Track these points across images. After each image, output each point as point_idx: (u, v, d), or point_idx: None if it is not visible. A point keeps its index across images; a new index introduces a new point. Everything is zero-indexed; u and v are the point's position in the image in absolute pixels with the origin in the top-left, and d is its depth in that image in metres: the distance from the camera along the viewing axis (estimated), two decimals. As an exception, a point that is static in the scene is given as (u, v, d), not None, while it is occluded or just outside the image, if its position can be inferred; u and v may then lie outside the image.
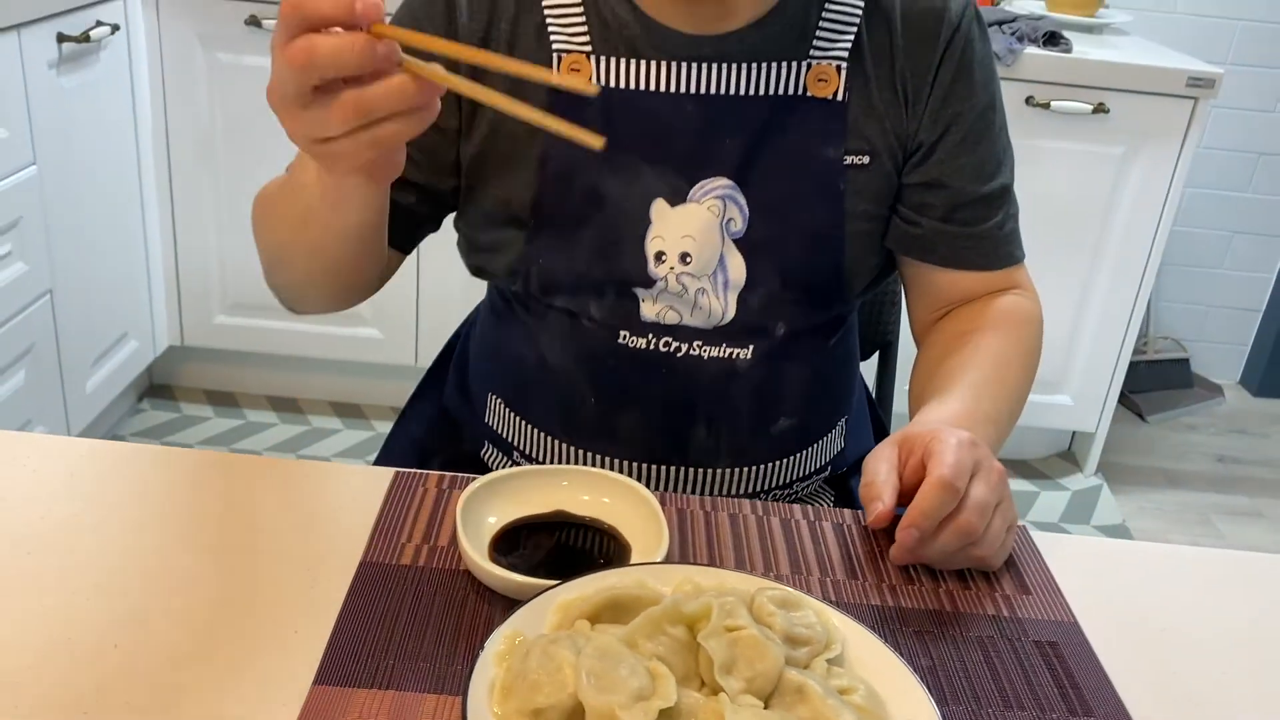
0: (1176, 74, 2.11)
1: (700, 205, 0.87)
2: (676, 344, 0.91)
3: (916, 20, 0.89)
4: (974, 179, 0.92)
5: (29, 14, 1.73)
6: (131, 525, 0.71)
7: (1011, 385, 0.92)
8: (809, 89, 0.87)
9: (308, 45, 0.58)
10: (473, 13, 0.87)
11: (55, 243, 1.88)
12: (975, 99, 0.91)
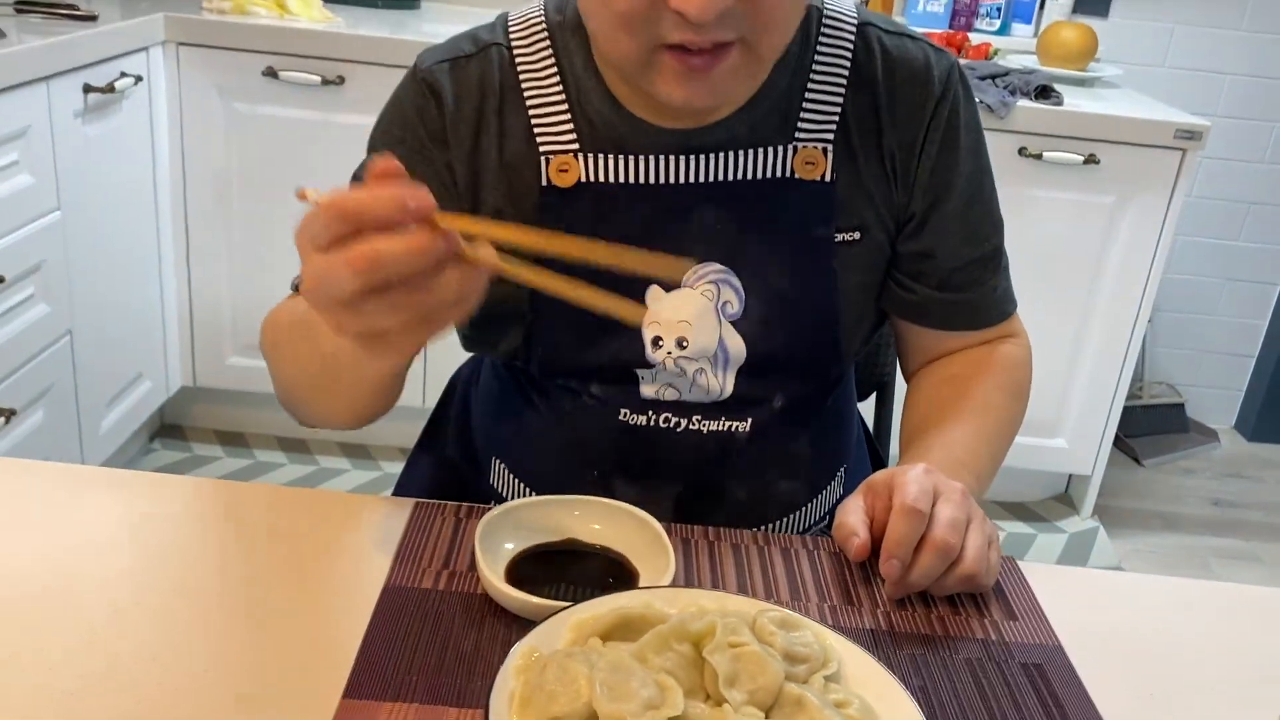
0: (1165, 126, 2.17)
1: (695, 290, 0.89)
2: (676, 419, 0.93)
3: (901, 91, 0.90)
4: (967, 244, 0.95)
5: (58, 66, 1.80)
6: (166, 551, 0.75)
7: (992, 430, 0.95)
8: (796, 172, 0.89)
9: (371, 252, 0.55)
10: (462, 115, 0.88)
11: (76, 285, 1.93)
12: (964, 166, 0.93)
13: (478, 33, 0.92)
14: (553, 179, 0.88)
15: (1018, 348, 1.02)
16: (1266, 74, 2.79)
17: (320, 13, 2.26)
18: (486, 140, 0.89)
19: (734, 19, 0.74)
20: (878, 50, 0.91)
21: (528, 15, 0.91)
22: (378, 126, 0.93)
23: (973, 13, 2.68)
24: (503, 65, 0.89)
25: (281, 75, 2.15)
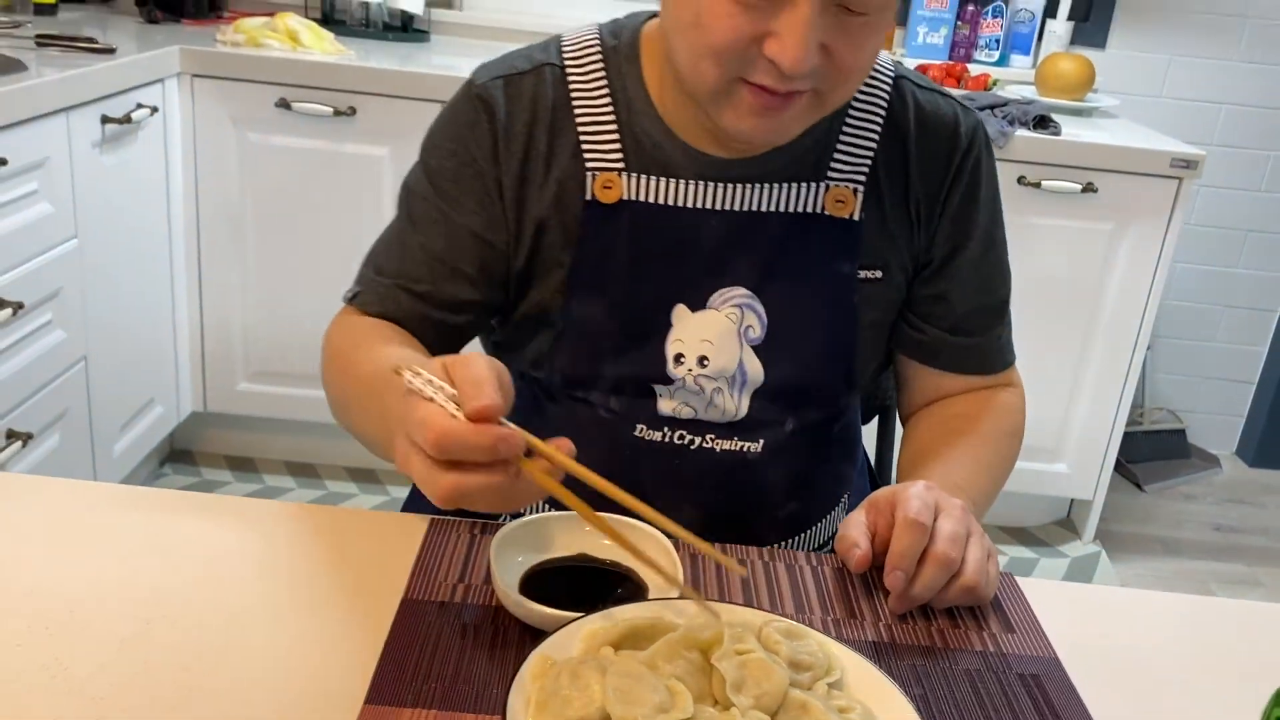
0: (1161, 155, 2.21)
1: (719, 312, 0.94)
2: (690, 437, 0.96)
3: (931, 142, 0.95)
4: (978, 292, 1.00)
5: (77, 98, 1.84)
6: (191, 566, 0.78)
7: (989, 462, 0.99)
8: (827, 209, 0.93)
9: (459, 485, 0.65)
10: (513, 130, 0.93)
11: (91, 311, 1.97)
12: (982, 218, 0.98)
13: (531, 52, 0.96)
14: (597, 194, 0.92)
15: (1015, 396, 1.07)
16: (1262, 104, 2.83)
17: (332, 45, 2.31)
18: (535, 154, 0.93)
19: (814, 73, 0.80)
20: (911, 103, 0.96)
21: (583, 38, 0.96)
22: (431, 137, 0.97)
23: (972, 44, 2.73)
24: (555, 83, 0.93)
25: (294, 106, 2.19)
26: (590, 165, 0.93)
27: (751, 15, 0.78)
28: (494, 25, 2.68)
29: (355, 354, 0.90)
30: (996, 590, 0.83)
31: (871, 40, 0.81)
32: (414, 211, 0.97)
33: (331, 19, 2.61)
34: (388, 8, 2.58)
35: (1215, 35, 2.78)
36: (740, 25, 0.78)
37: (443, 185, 0.95)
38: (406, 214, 0.97)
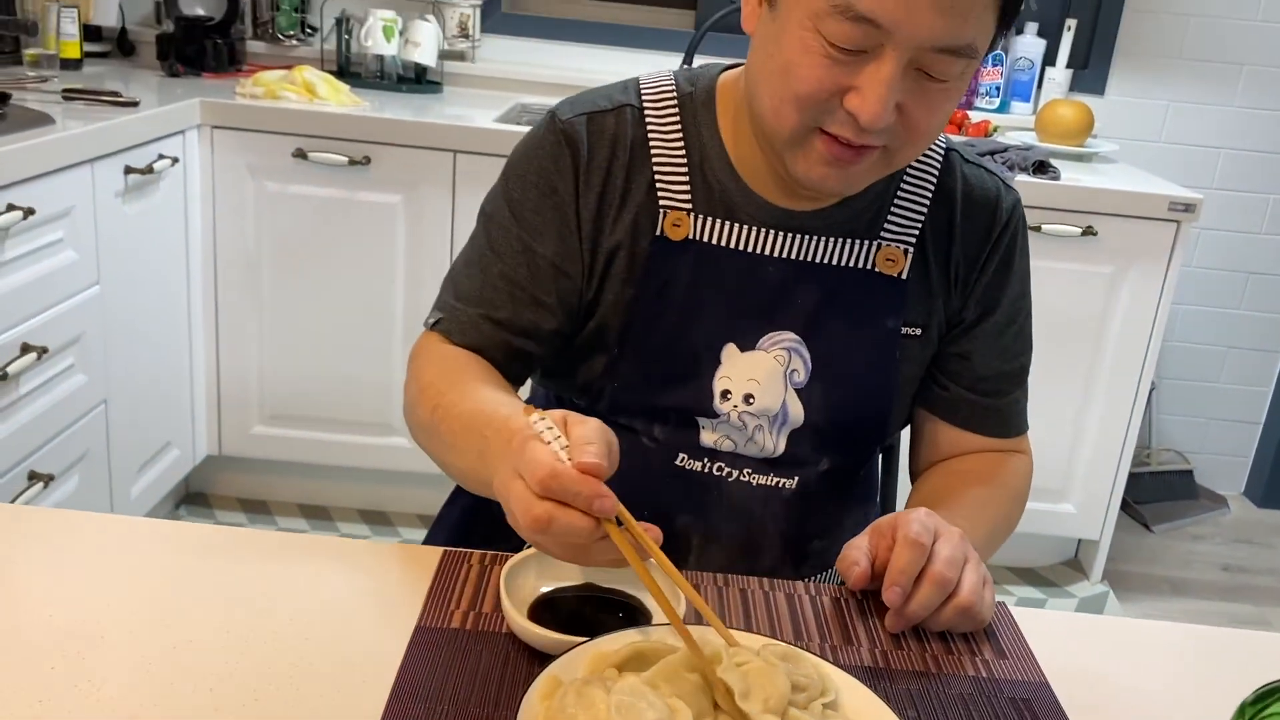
0: (1158, 199, 2.25)
1: (767, 354, 0.98)
2: (729, 470, 1.01)
3: (975, 212, 1.00)
4: (1000, 357, 1.05)
5: (101, 149, 1.91)
6: (213, 593, 0.81)
7: (991, 517, 1.02)
8: (878, 266, 0.98)
9: (550, 519, 0.68)
10: (594, 164, 0.97)
11: (112, 356, 2.01)
12: (1012, 289, 1.03)
13: (611, 92, 1.01)
14: (666, 231, 0.97)
15: (1024, 463, 1.10)
16: (1260, 148, 2.88)
17: (348, 97, 2.38)
18: (613, 189, 0.98)
19: (888, 130, 0.85)
20: (959, 174, 1.01)
21: (660, 83, 1.01)
22: (514, 166, 1.00)
23: (973, 91, 2.78)
24: (634, 123, 0.98)
25: (310, 156, 2.25)
26: (663, 203, 0.97)
27: (838, 68, 0.82)
28: (505, 77, 2.75)
29: (451, 391, 0.91)
30: (993, 610, 0.85)
31: (945, 105, 0.86)
32: (494, 238, 0.99)
33: (347, 72, 2.68)
34: (402, 60, 2.65)
35: (1212, 81, 2.83)
36: (826, 76, 0.83)
37: (524, 215, 0.98)
38: (486, 241, 1.00)
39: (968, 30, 0.81)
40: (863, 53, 0.81)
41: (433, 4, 2.71)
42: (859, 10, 0.79)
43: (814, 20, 0.82)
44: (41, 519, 0.90)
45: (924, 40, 0.80)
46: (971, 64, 0.84)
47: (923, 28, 0.80)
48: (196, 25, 2.58)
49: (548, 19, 2.87)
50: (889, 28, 0.80)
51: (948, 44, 0.81)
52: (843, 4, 0.80)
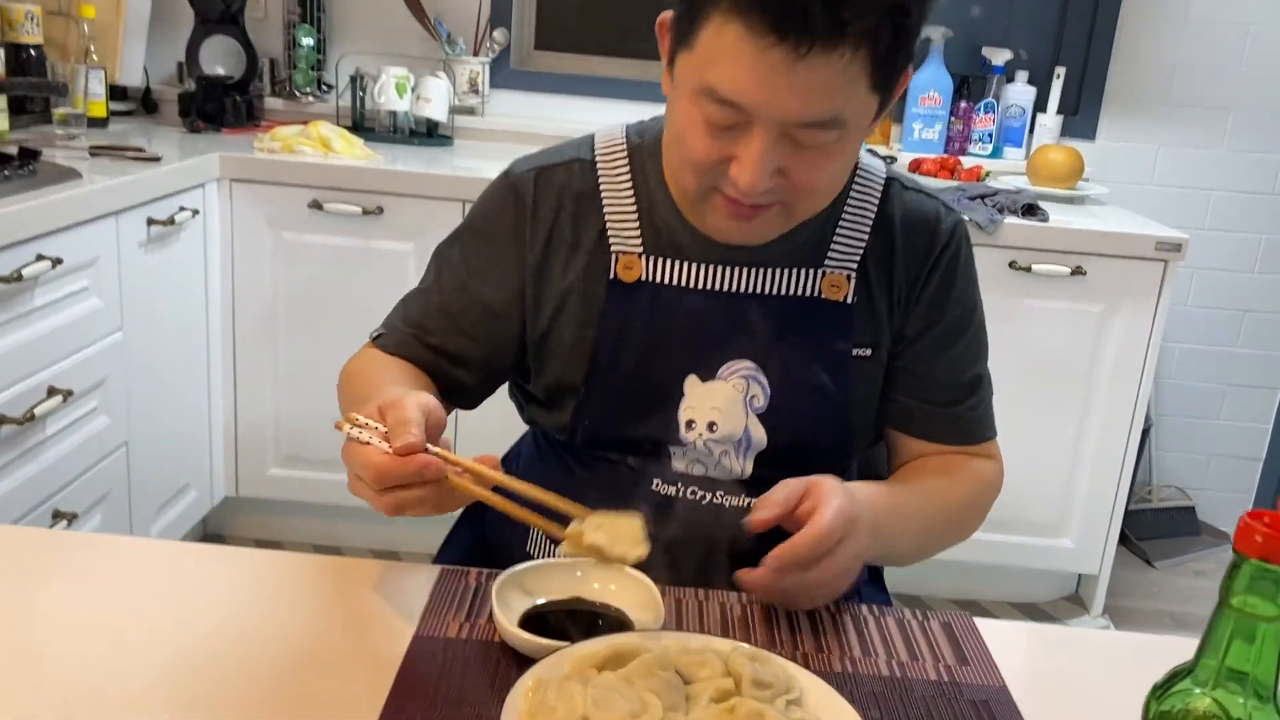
0: (1145, 239, 2.32)
1: (727, 383, 1.05)
2: (702, 493, 1.07)
3: (914, 236, 1.07)
4: (949, 370, 1.10)
5: (125, 202, 2.00)
6: (229, 610, 0.88)
7: (940, 509, 1.07)
8: (823, 293, 1.05)
9: (395, 502, 0.85)
10: (539, 216, 1.06)
11: (133, 399, 2.09)
12: (956, 304, 1.09)
13: (565, 148, 1.10)
14: (619, 274, 1.05)
15: (989, 469, 1.14)
16: (1248, 190, 2.95)
17: (362, 150, 2.48)
18: (560, 237, 1.06)
19: (775, 191, 0.93)
20: (898, 202, 1.08)
21: (612, 136, 1.10)
22: (469, 214, 1.12)
23: (966, 138, 2.87)
24: (584, 175, 1.07)
25: (325, 207, 2.34)
26: (614, 248, 1.05)
27: (719, 140, 0.91)
28: (513, 130, 2.85)
29: (366, 377, 1.05)
30: (954, 627, 0.91)
31: (828, 165, 0.93)
32: (441, 274, 1.11)
33: (361, 126, 2.79)
34: (414, 115, 2.76)
35: (1200, 126, 2.90)
36: (710, 146, 0.91)
37: (468, 257, 1.09)
38: (435, 276, 1.12)
39: (829, 106, 0.88)
40: (737, 125, 0.89)
41: (443, 61, 2.82)
42: (722, 95, 0.88)
43: (694, 97, 0.90)
44: (64, 543, 0.97)
45: (785, 118, 0.88)
46: (846, 131, 0.91)
47: (781, 108, 0.87)
48: (217, 84, 2.70)
49: (554, 74, 2.98)
50: (751, 109, 0.88)
51: (809, 120, 0.88)
52: (708, 88, 0.88)
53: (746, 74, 0.86)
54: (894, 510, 1.00)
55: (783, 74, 0.85)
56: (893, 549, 1.02)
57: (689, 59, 0.90)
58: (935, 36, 2.80)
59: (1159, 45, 2.86)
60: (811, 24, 0.82)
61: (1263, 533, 0.54)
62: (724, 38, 0.86)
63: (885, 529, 0.97)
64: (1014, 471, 2.50)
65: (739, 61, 0.85)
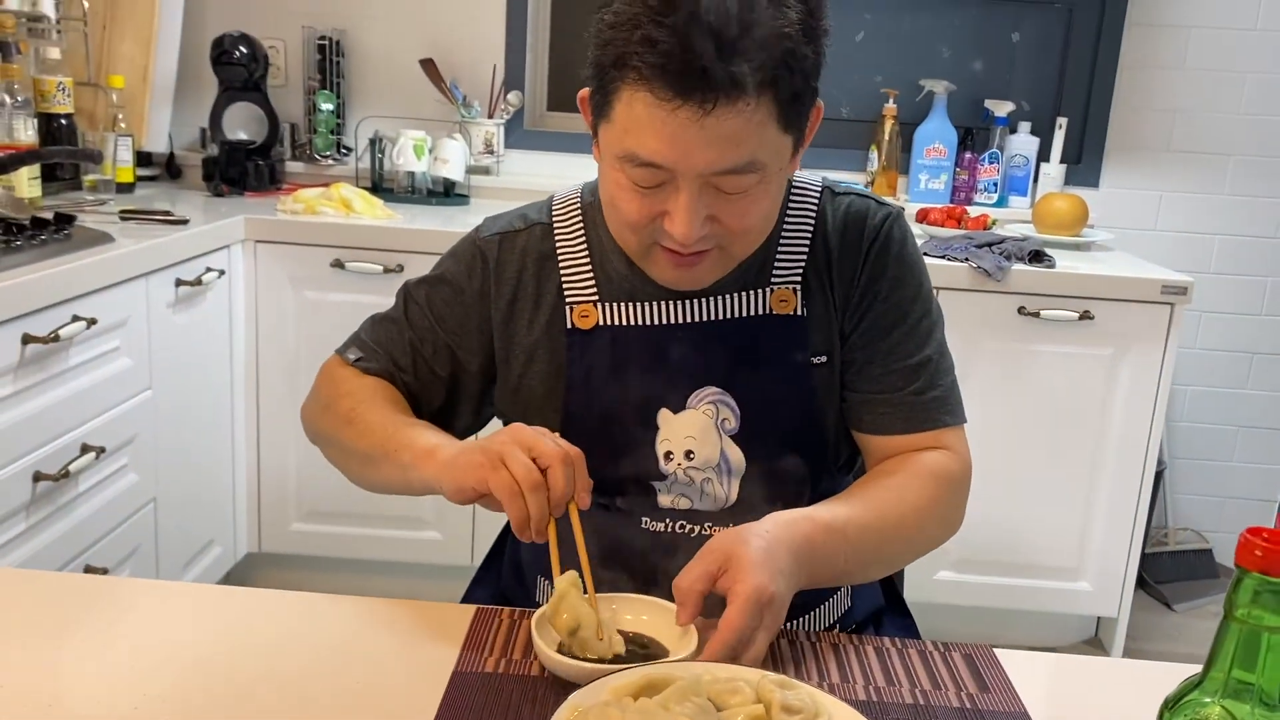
0: (1152, 283, 2.36)
1: (698, 411, 1.09)
2: (691, 526, 1.10)
3: (848, 236, 1.11)
4: (892, 356, 1.10)
5: (154, 265, 2.06)
6: (267, 650, 0.91)
7: (892, 518, 1.04)
8: (773, 309, 1.09)
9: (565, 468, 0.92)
10: (503, 276, 1.13)
11: (161, 456, 2.14)
12: (886, 294, 1.10)
13: (527, 211, 1.18)
14: (575, 323, 1.11)
15: (946, 459, 1.11)
16: (1252, 233, 2.99)
17: (382, 211, 2.54)
18: (523, 295, 1.13)
19: (711, 237, 0.99)
20: (829, 208, 1.13)
21: (567, 197, 1.17)
22: (441, 264, 1.18)
23: (972, 188, 2.92)
24: (543, 238, 1.14)
25: (347, 265, 2.41)
26: (569, 299, 1.11)
27: (648, 199, 0.97)
28: (528, 188, 2.91)
29: (361, 409, 1.10)
30: (975, 658, 0.93)
31: (754, 207, 0.98)
32: (410, 312, 1.17)
33: (381, 187, 2.86)
34: (431, 176, 2.83)
35: (1201, 172, 2.96)
36: (642, 206, 0.98)
37: (436, 304, 1.16)
38: (404, 312, 1.18)
39: (743, 153, 0.93)
40: (663, 184, 0.95)
41: (459, 123, 2.90)
42: (643, 158, 0.94)
43: (618, 163, 0.97)
44: (99, 587, 1.00)
45: (704, 170, 0.94)
46: (766, 173, 0.96)
47: (699, 162, 0.93)
48: (239, 148, 2.78)
49: (566, 134, 3.06)
50: (671, 167, 0.94)
51: (725, 169, 0.94)
52: (629, 154, 0.95)
53: (660, 136, 0.92)
54: (829, 535, 0.98)
55: (693, 130, 0.91)
56: (839, 570, 1.01)
57: (609, 129, 0.97)
58: (939, 90, 2.87)
59: (1158, 93, 2.92)
60: (711, 82, 0.89)
61: (1262, 547, 0.57)
62: (635, 107, 0.92)
63: (818, 558, 0.96)
64: (1028, 514, 2.54)
65: (652, 126, 0.92)
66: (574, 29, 3.08)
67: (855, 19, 2.95)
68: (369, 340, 1.19)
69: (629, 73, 0.91)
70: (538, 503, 0.90)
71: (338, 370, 1.19)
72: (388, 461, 1.04)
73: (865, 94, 2.96)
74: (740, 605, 0.86)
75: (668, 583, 1.09)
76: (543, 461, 0.91)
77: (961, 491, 1.12)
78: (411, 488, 1.02)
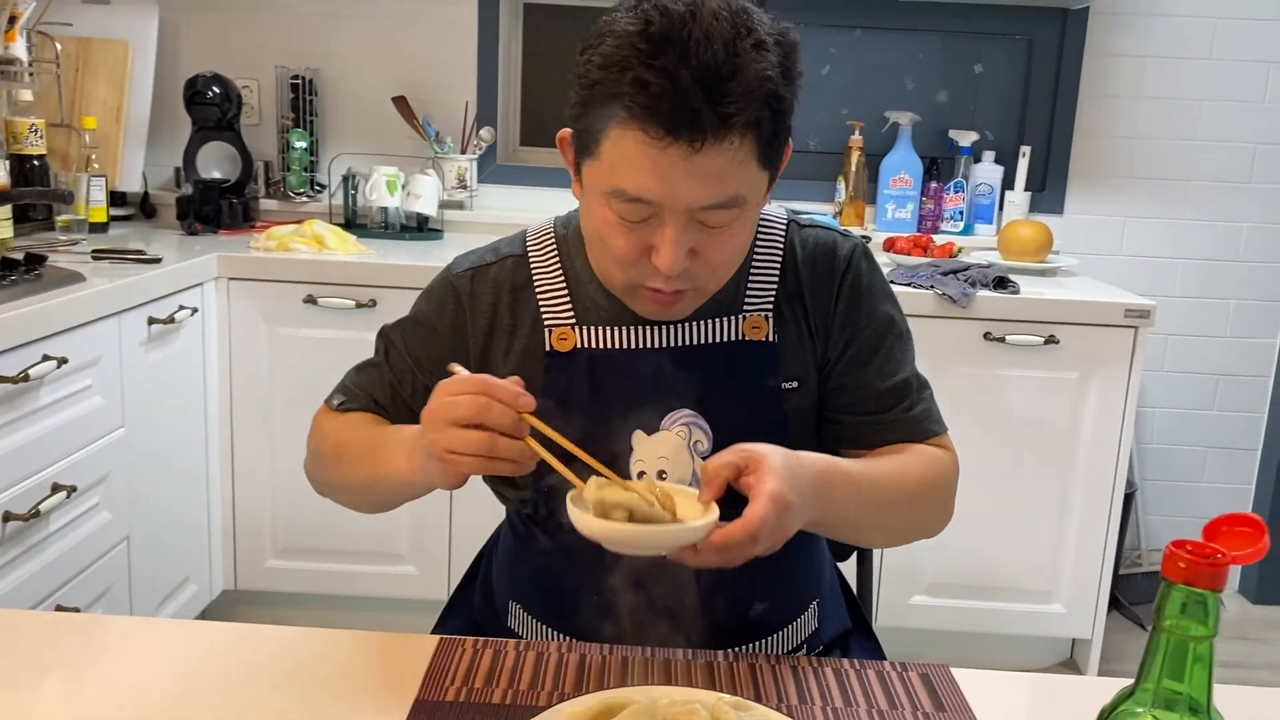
0: (1115, 307, 2.40)
1: (671, 432, 1.11)
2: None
3: (818, 267, 1.15)
4: (878, 377, 1.16)
5: (127, 303, 2.07)
6: (225, 679, 0.92)
7: (897, 481, 1.10)
8: (746, 335, 1.13)
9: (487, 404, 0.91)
10: (478, 310, 1.15)
11: (135, 495, 2.14)
12: (867, 318, 1.15)
13: (499, 245, 1.20)
14: (555, 345, 1.13)
15: (943, 454, 1.18)
16: (1213, 257, 3.05)
17: (354, 246, 2.56)
18: (499, 327, 1.15)
19: (689, 274, 1.02)
20: (798, 238, 1.17)
21: (541, 230, 1.20)
22: (413, 307, 1.21)
23: (937, 217, 2.97)
24: (517, 269, 1.17)
25: (320, 301, 2.42)
26: (548, 324, 1.14)
27: (636, 233, 1.00)
28: (501, 222, 2.94)
29: (344, 442, 1.15)
30: (931, 678, 0.95)
31: (732, 241, 1.03)
32: (389, 355, 1.21)
33: (354, 223, 2.88)
34: (404, 211, 2.85)
35: (1163, 197, 3.02)
36: (630, 241, 1.01)
37: (412, 345, 1.19)
38: (384, 355, 1.21)
39: (727, 189, 0.97)
40: (649, 218, 0.99)
41: (433, 159, 2.93)
42: (630, 193, 0.97)
43: (605, 199, 1.00)
44: (70, 626, 1.01)
45: (690, 205, 0.97)
46: (745, 207, 1.01)
47: (684, 198, 0.97)
48: (213, 187, 2.80)
49: (539, 168, 3.09)
50: (659, 202, 0.97)
51: (711, 204, 0.98)
52: (617, 190, 0.98)
53: (650, 173, 0.96)
54: (845, 480, 1.04)
55: (681, 167, 0.95)
56: (847, 519, 1.06)
57: (595, 166, 1.00)
58: (904, 121, 2.92)
59: (1118, 122, 2.98)
60: (701, 122, 0.92)
61: (1186, 559, 0.59)
62: (624, 145, 0.96)
63: (832, 498, 1.02)
64: (1000, 537, 2.56)
65: (642, 163, 0.95)
66: (546, 64, 3.13)
67: (821, 53, 3.01)
68: (351, 385, 1.22)
69: (620, 112, 0.95)
70: (503, 457, 0.92)
71: (323, 419, 1.22)
72: (384, 484, 1.09)
73: (832, 126, 3.01)
74: (763, 503, 0.91)
75: (636, 605, 1.11)
76: (472, 419, 0.91)
77: (954, 482, 1.19)
78: (418, 492, 1.08)
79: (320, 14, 2.97)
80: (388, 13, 2.97)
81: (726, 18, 0.93)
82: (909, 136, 2.92)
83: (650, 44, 0.93)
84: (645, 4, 0.95)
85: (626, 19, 0.95)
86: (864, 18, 2.97)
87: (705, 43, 0.92)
